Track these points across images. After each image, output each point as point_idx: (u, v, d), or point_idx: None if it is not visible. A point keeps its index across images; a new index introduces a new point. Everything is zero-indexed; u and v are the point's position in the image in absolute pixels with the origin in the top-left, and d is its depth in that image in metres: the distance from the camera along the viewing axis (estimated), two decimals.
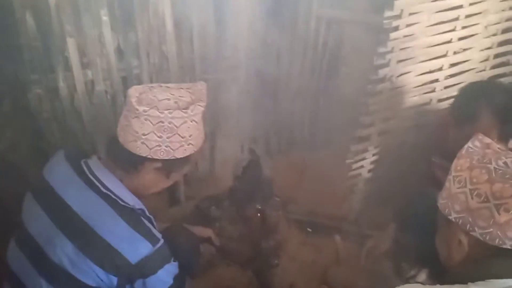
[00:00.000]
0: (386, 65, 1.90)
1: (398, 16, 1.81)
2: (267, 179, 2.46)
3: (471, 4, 1.95)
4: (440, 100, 2.14)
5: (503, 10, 2.07)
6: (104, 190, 1.23)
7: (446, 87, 2.13)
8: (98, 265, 1.19)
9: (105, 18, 2.05)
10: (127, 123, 1.24)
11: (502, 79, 2.28)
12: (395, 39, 1.85)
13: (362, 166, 2.22)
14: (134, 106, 1.20)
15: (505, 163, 0.97)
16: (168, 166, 1.30)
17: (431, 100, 2.13)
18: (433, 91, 2.11)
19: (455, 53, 2.06)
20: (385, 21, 1.80)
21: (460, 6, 1.93)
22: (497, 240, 0.93)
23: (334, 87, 2.83)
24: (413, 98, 2.08)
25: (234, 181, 1.99)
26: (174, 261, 1.33)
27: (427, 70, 2.05)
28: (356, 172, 2.23)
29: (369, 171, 2.26)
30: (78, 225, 1.20)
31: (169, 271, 1.30)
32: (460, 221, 0.99)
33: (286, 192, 2.60)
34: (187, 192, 2.43)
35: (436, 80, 2.10)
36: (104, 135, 2.21)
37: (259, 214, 2.28)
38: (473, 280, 0.93)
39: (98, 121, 2.21)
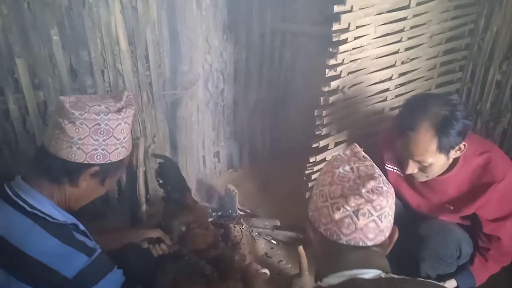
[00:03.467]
0: (338, 77, 1.95)
1: (346, 29, 1.86)
2: (230, 193, 2.46)
3: (415, 16, 2.04)
4: (392, 109, 2.21)
5: (445, 21, 2.17)
6: (30, 210, 1.21)
7: (397, 96, 2.20)
8: (34, 287, 1.17)
9: (55, 37, 2.02)
10: (59, 131, 1.23)
11: (449, 86, 2.39)
12: (344, 51, 1.89)
13: None
14: (69, 110, 1.21)
15: (351, 168, 1.07)
16: (104, 170, 1.31)
17: (383, 108, 2.20)
18: (385, 100, 2.18)
19: (403, 62, 2.14)
20: (333, 34, 1.84)
21: (405, 18, 2.01)
22: (335, 235, 1.02)
23: (291, 99, 2.87)
24: (366, 108, 2.14)
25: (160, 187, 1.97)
26: (118, 268, 1.33)
27: (378, 80, 2.11)
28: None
29: None
30: (6, 249, 1.17)
31: (112, 280, 1.30)
32: (312, 218, 1.09)
33: (249, 205, 2.61)
34: (149, 211, 2.40)
35: (387, 90, 2.16)
36: None
37: (223, 230, 2.28)
38: (330, 273, 1.03)
39: None
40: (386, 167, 1.85)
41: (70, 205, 1.32)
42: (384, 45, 2.03)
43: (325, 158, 2.17)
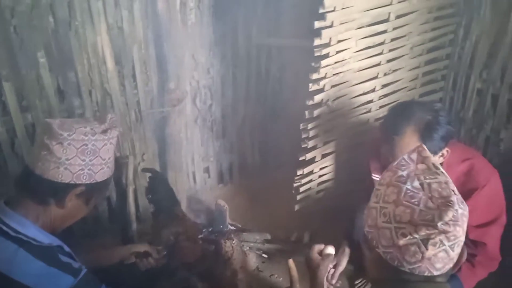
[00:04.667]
0: (321, 90, 1.98)
1: (328, 44, 1.90)
2: (221, 208, 2.47)
3: (395, 28, 2.08)
4: (377, 119, 2.24)
5: (425, 32, 2.22)
6: (14, 234, 1.21)
7: (381, 107, 2.24)
8: None
9: (42, 60, 2.04)
10: (46, 152, 1.25)
11: (432, 95, 2.43)
12: (327, 65, 1.94)
13: (310, 188, 2.27)
14: (58, 131, 1.25)
15: (421, 184, 0.93)
16: (90, 190, 1.34)
17: (368, 120, 2.23)
18: (369, 111, 2.22)
19: (385, 74, 2.18)
20: (315, 49, 1.88)
21: (385, 31, 2.06)
22: (396, 261, 0.91)
23: (280, 112, 2.90)
24: (351, 120, 2.18)
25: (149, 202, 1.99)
26: (107, 286, 1.35)
27: (361, 92, 2.15)
28: (305, 194, 2.28)
29: (317, 192, 2.32)
30: None
31: None
32: (369, 235, 0.98)
33: (240, 219, 2.61)
34: (140, 229, 2.40)
35: (371, 101, 2.20)
36: None
37: (213, 246, 2.28)
38: None
39: None
40: (373, 177, 1.88)
41: (55, 226, 1.33)
42: (366, 58, 2.07)
43: (312, 170, 2.19)
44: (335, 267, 1.90)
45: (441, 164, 1.66)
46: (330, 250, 1.47)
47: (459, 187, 1.66)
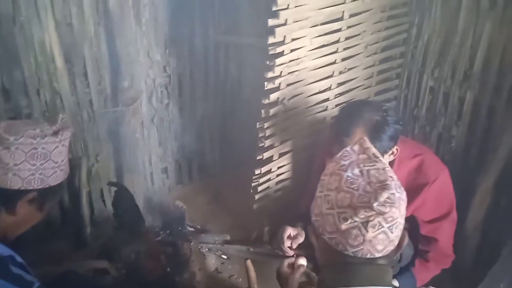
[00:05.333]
0: (277, 89, 1.97)
1: (282, 42, 1.89)
2: (179, 209, 2.43)
3: (349, 27, 2.10)
4: (333, 118, 2.25)
5: (379, 31, 2.25)
6: None
7: (337, 105, 2.25)
8: None
9: None
10: None
11: (387, 94, 2.47)
12: (282, 64, 1.92)
13: (268, 187, 2.27)
14: (3, 135, 1.19)
15: (361, 171, 0.99)
16: (42, 196, 1.29)
17: (325, 118, 2.25)
18: (326, 109, 2.23)
19: (340, 72, 2.20)
20: (269, 47, 1.87)
21: (339, 30, 2.07)
22: (340, 246, 0.96)
23: (238, 111, 2.88)
24: (308, 118, 2.18)
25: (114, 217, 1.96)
26: None
27: (317, 91, 2.16)
28: (263, 193, 2.27)
29: (276, 191, 2.32)
30: None
31: None
32: (316, 224, 1.02)
33: (200, 219, 2.58)
34: (94, 233, 2.32)
35: (327, 99, 2.21)
36: None
37: (171, 248, 2.23)
38: (338, 286, 0.98)
39: None
40: None
41: (6, 234, 1.27)
42: (320, 56, 2.07)
43: (270, 169, 2.18)
44: (296, 236, 1.86)
45: (392, 161, 1.69)
46: (302, 261, 1.47)
47: (410, 182, 1.72)
